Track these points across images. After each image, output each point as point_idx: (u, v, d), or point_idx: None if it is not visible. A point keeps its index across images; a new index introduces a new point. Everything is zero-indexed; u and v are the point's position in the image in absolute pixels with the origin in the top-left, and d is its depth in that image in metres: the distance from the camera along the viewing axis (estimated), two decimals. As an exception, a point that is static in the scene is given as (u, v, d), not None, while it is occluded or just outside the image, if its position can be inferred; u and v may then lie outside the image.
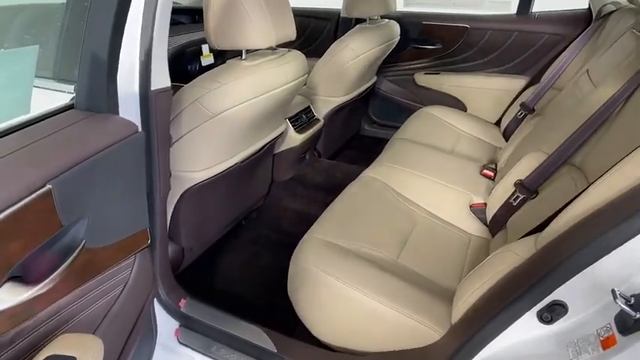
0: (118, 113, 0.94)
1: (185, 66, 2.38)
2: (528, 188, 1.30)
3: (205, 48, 2.29)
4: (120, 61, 0.92)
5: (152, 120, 1.03)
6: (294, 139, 1.83)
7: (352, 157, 2.54)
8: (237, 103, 1.25)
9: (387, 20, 2.14)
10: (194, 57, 2.31)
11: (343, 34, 2.02)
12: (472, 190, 1.60)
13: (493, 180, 1.71)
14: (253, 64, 1.31)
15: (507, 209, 1.36)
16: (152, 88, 1.00)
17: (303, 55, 1.51)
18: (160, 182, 1.13)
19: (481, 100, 2.36)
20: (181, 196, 1.38)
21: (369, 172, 1.66)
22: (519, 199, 1.32)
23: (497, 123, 2.32)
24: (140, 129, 0.93)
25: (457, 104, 2.43)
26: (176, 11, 2.42)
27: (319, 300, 1.18)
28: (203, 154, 1.35)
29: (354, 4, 1.94)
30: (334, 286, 1.13)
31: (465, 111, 2.42)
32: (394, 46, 2.21)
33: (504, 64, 2.27)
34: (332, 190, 2.00)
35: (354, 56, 1.90)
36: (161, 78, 1.04)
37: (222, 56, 2.32)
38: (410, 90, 2.52)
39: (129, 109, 0.97)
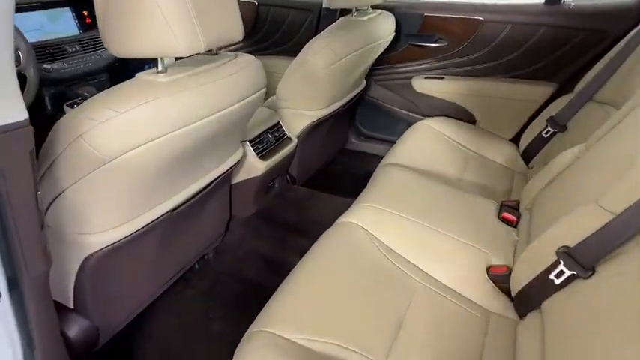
0: None
1: (142, 66, 1.97)
2: (581, 263, 0.87)
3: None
4: None
5: None
6: (256, 167, 1.41)
7: (335, 180, 2.11)
8: (144, 141, 0.82)
9: (379, 11, 1.70)
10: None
11: (326, 27, 1.59)
12: (490, 244, 1.17)
13: (515, 227, 1.29)
14: (174, 80, 0.88)
15: (544, 286, 0.94)
16: None
17: (258, 62, 1.07)
18: (25, 261, 0.74)
19: (495, 112, 1.93)
20: (83, 263, 0.96)
21: (350, 217, 1.24)
22: (565, 275, 0.90)
23: (515, 140, 1.90)
24: None
25: (464, 115, 2.00)
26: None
27: None
28: (104, 211, 0.93)
29: None
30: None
31: (474, 124, 1.99)
32: (388, 44, 1.78)
33: (526, 67, 1.83)
34: (306, 230, 1.58)
35: (335, 59, 1.46)
36: (6, 106, 0.64)
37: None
38: (406, 97, 2.08)
39: None
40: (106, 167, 0.81)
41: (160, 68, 0.88)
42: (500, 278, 1.09)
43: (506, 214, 1.30)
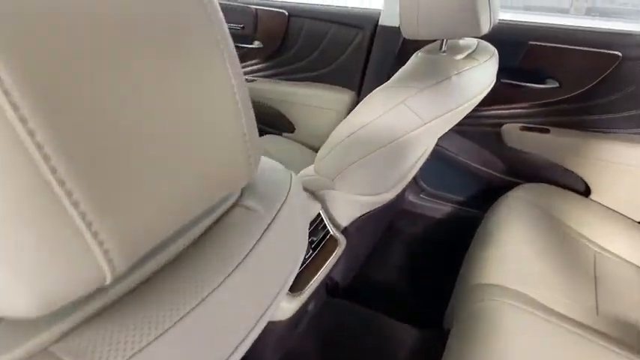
0: None
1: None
2: None
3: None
4: None
5: None
6: (283, 309, 0.86)
7: (390, 262, 1.54)
8: None
9: (475, 42, 1.12)
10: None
11: (383, 52, 1.03)
12: None
13: None
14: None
15: None
16: None
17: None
18: None
19: (620, 181, 1.36)
20: None
21: None
22: None
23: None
24: None
25: (573, 182, 1.43)
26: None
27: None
28: None
29: (424, 18, 0.91)
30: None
31: (588, 196, 1.43)
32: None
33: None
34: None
35: (416, 125, 0.90)
36: None
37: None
38: (491, 150, 1.52)
39: None
40: None
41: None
42: None
43: None
